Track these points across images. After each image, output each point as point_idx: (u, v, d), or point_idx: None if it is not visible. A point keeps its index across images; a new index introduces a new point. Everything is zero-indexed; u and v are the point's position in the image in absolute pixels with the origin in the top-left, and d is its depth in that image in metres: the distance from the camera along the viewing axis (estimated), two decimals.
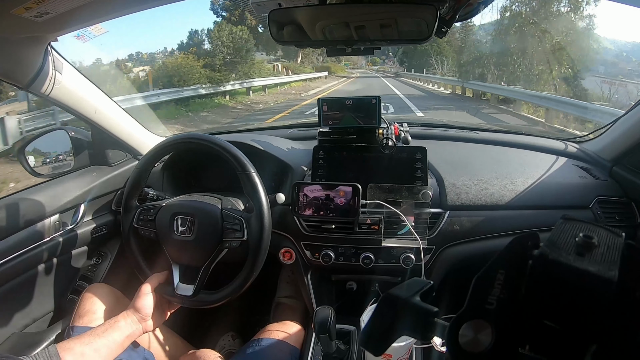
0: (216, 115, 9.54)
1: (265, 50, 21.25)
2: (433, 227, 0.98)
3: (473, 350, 0.24)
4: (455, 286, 0.78)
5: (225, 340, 1.30)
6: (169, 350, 0.99)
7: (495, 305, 0.25)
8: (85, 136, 1.21)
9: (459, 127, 1.47)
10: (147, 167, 0.97)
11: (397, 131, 1.01)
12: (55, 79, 0.93)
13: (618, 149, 1.12)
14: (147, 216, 0.95)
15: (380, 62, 39.34)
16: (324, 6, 0.69)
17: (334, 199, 0.94)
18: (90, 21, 0.83)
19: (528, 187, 1.03)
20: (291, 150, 1.20)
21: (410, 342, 0.81)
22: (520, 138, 1.34)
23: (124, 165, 1.26)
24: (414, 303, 0.32)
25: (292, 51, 21.34)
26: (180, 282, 0.91)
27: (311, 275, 1.07)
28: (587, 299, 0.23)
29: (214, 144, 0.91)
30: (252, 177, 0.89)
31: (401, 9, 0.67)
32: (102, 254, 1.22)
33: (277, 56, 21.63)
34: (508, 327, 0.24)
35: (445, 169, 1.07)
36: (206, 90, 11.01)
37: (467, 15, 0.75)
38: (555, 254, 0.25)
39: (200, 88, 10.79)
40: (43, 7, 0.65)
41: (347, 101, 1.02)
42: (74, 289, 1.14)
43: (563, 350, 0.23)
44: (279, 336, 0.95)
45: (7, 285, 0.95)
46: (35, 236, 0.99)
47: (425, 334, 0.32)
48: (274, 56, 21.36)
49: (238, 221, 0.89)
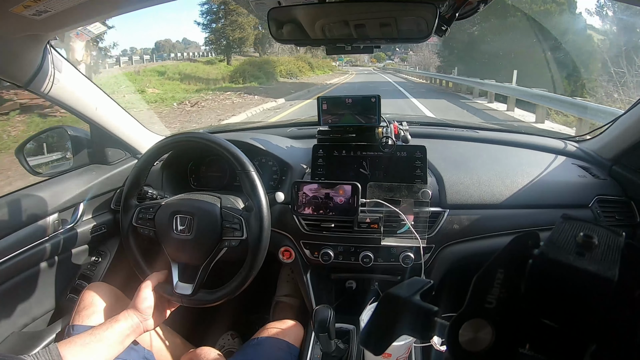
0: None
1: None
2: (433, 226, 0.98)
3: (473, 349, 0.24)
4: (455, 285, 0.78)
5: (224, 339, 1.31)
6: (169, 349, 0.99)
7: (495, 304, 0.25)
8: (85, 135, 1.21)
9: (458, 126, 1.47)
10: (147, 166, 0.97)
11: (396, 130, 1.01)
12: (54, 77, 0.93)
13: (618, 148, 1.12)
14: (147, 215, 0.94)
15: (385, 58, 36.48)
16: (324, 4, 0.69)
17: (334, 198, 0.94)
18: (89, 19, 0.82)
19: (528, 186, 1.03)
20: (290, 148, 1.20)
21: (409, 341, 0.81)
22: (520, 137, 1.34)
23: (123, 164, 1.26)
24: (414, 302, 0.32)
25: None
26: (180, 281, 0.91)
27: (310, 274, 1.07)
28: (587, 299, 0.23)
29: (214, 142, 0.91)
30: (251, 176, 0.89)
31: (401, 8, 0.67)
32: (102, 253, 1.21)
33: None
34: (508, 326, 0.24)
35: (445, 168, 1.07)
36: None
37: (467, 13, 0.75)
38: (555, 253, 0.25)
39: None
40: (42, 5, 0.65)
41: (347, 100, 1.02)
42: (74, 288, 1.14)
43: (563, 350, 0.23)
44: (278, 335, 0.95)
45: (6, 284, 0.95)
46: (34, 235, 0.99)
47: (425, 333, 0.32)
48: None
49: (237, 220, 0.89)
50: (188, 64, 17.38)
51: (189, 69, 16.16)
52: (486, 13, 12.38)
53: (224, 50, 20.24)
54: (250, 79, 15.83)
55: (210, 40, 21.08)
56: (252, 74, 16.37)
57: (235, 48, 20.38)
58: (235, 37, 19.90)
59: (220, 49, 20.47)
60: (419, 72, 21.57)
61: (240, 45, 20.51)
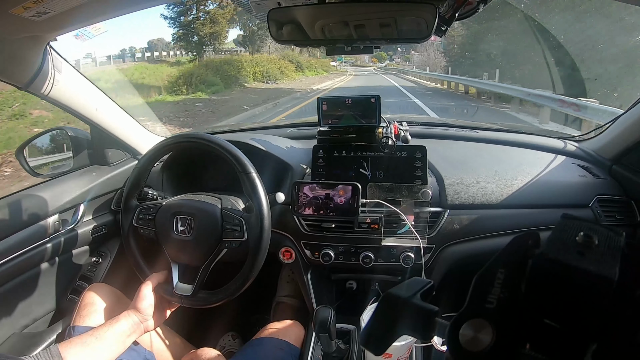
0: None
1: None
2: (433, 226, 0.98)
3: (473, 349, 0.24)
4: (455, 285, 0.78)
5: (225, 339, 1.31)
6: (170, 350, 0.99)
7: (496, 304, 0.25)
8: (85, 136, 1.21)
9: (458, 126, 1.47)
10: (147, 167, 0.97)
11: (396, 130, 1.01)
12: (54, 78, 0.93)
13: (618, 148, 1.12)
14: (147, 215, 0.95)
15: (387, 58, 34.55)
16: (324, 5, 0.69)
17: (334, 198, 0.94)
18: (90, 20, 0.83)
19: (528, 185, 1.03)
20: (291, 149, 1.20)
21: (410, 341, 0.81)
22: (520, 137, 1.34)
23: (123, 165, 1.26)
24: (415, 302, 0.32)
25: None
26: (180, 282, 0.91)
27: (311, 274, 1.07)
28: (587, 298, 0.23)
29: (214, 143, 0.91)
30: (252, 177, 0.89)
31: (401, 8, 0.67)
32: (102, 254, 1.22)
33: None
34: (508, 326, 0.24)
35: (445, 168, 1.07)
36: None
37: (466, 14, 0.75)
38: (555, 253, 0.25)
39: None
40: (42, 7, 0.65)
41: (347, 100, 1.02)
42: (74, 289, 1.14)
43: (563, 349, 0.23)
44: (279, 335, 0.95)
45: (7, 285, 0.95)
46: (35, 236, 0.99)
47: (425, 334, 0.32)
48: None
49: (238, 221, 0.89)
50: (144, 67, 14.37)
51: (137, 73, 13.22)
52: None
53: (195, 47, 17.01)
54: (199, 87, 12.11)
55: (179, 37, 17.38)
56: (204, 79, 12.57)
57: (207, 45, 17.13)
58: (205, 32, 16.56)
59: (191, 47, 17.12)
60: (432, 75, 17.57)
61: (212, 41, 17.14)
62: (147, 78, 13.15)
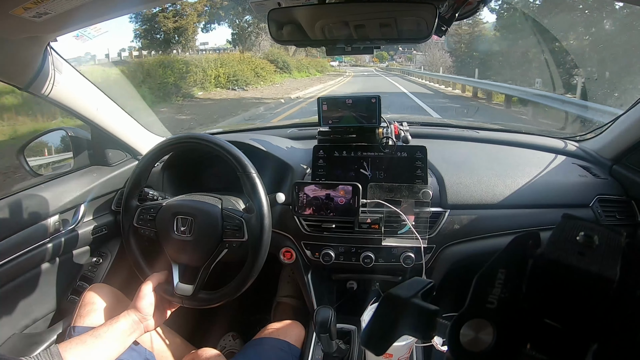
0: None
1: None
2: (433, 226, 0.98)
3: (474, 349, 0.24)
4: (456, 285, 0.78)
5: (226, 340, 1.31)
6: (170, 350, 0.99)
7: (496, 304, 0.25)
8: (85, 136, 1.21)
9: (459, 126, 1.47)
10: (147, 167, 0.97)
11: (397, 130, 1.01)
12: (54, 79, 0.93)
13: (618, 148, 1.12)
14: (147, 216, 0.95)
15: (388, 58, 33.24)
16: (324, 5, 0.69)
17: (334, 199, 0.94)
18: (90, 21, 0.82)
19: (528, 185, 1.03)
20: (291, 149, 1.20)
21: (411, 341, 0.81)
22: (520, 137, 1.34)
23: (123, 166, 1.26)
24: (415, 302, 0.32)
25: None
26: (180, 282, 0.91)
27: (311, 274, 1.07)
28: (588, 298, 0.23)
29: (214, 144, 0.91)
30: (252, 177, 0.89)
31: (401, 8, 0.67)
32: (103, 254, 1.22)
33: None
34: (509, 326, 0.24)
35: (446, 168, 1.07)
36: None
37: (466, 14, 0.75)
38: (556, 253, 0.25)
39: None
40: (42, 8, 0.65)
41: (347, 100, 1.02)
42: (75, 289, 1.14)
43: (564, 349, 0.23)
44: (279, 336, 0.95)
45: (7, 286, 0.95)
46: (35, 236, 1.00)
47: (426, 334, 0.32)
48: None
49: (238, 222, 0.89)
50: (100, 70, 9.82)
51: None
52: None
53: (160, 45, 14.29)
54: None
55: (141, 34, 14.49)
56: (125, 92, 6.26)
57: (174, 42, 14.30)
58: (169, 27, 13.70)
59: (155, 45, 14.31)
60: (452, 78, 13.11)
61: (178, 37, 14.26)
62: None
